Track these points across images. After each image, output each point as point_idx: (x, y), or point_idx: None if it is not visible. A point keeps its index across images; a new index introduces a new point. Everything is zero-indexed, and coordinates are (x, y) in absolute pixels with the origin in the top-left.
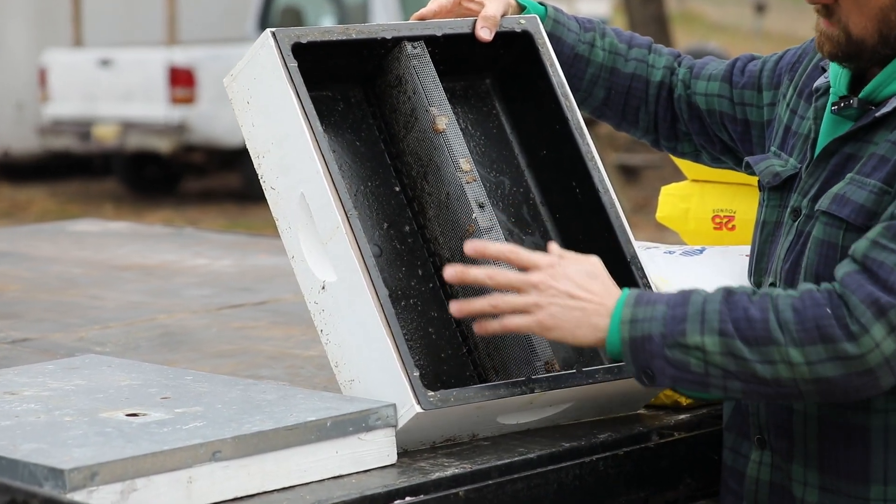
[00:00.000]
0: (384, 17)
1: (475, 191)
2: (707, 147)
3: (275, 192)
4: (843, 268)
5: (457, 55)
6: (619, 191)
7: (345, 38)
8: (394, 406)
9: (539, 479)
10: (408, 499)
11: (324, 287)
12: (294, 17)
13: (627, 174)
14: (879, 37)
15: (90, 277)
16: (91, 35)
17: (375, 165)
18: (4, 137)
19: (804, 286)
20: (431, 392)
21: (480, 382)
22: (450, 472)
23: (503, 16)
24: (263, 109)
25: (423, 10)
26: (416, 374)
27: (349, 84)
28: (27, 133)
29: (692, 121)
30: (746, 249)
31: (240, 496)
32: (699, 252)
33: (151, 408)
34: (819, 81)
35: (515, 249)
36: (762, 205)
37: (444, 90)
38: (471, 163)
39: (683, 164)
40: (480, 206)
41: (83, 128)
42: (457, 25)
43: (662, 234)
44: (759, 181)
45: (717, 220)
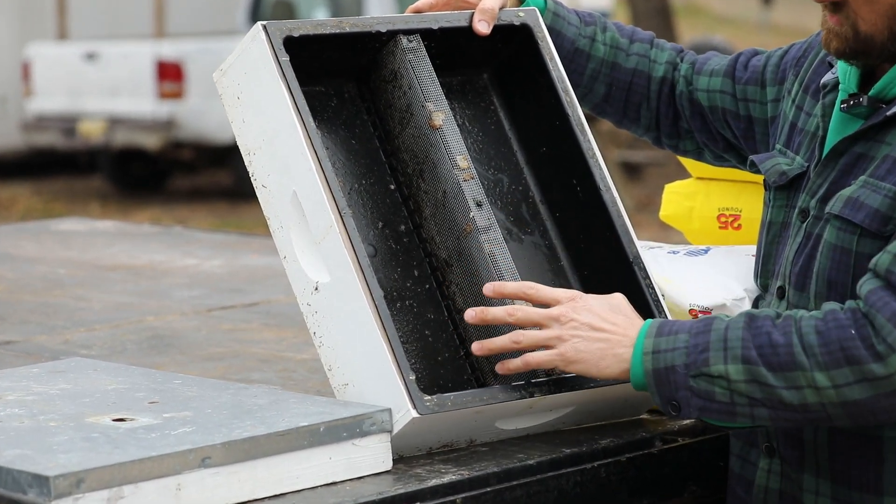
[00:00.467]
0: (379, 10)
1: (473, 189)
2: (709, 145)
3: (266, 191)
4: (867, 284)
5: (454, 49)
6: (622, 189)
7: (338, 32)
8: (389, 411)
9: (539, 486)
10: None
11: (317, 288)
12: (286, 10)
13: (630, 171)
14: (889, 33)
15: (76, 278)
16: (76, 28)
17: (370, 163)
18: None
19: (827, 306)
20: (428, 396)
21: (478, 386)
22: (447, 479)
23: (501, 8)
24: (254, 105)
25: (419, 3)
26: (412, 378)
27: (343, 79)
28: (10, 129)
29: (694, 118)
30: (753, 249)
31: None
32: (704, 252)
33: (139, 413)
34: (826, 77)
35: (534, 286)
36: (768, 205)
37: (441, 85)
38: (468, 160)
39: (688, 162)
40: (478, 205)
41: (68, 123)
42: (454, 18)
43: (666, 234)
44: (765, 180)
45: (723, 219)
